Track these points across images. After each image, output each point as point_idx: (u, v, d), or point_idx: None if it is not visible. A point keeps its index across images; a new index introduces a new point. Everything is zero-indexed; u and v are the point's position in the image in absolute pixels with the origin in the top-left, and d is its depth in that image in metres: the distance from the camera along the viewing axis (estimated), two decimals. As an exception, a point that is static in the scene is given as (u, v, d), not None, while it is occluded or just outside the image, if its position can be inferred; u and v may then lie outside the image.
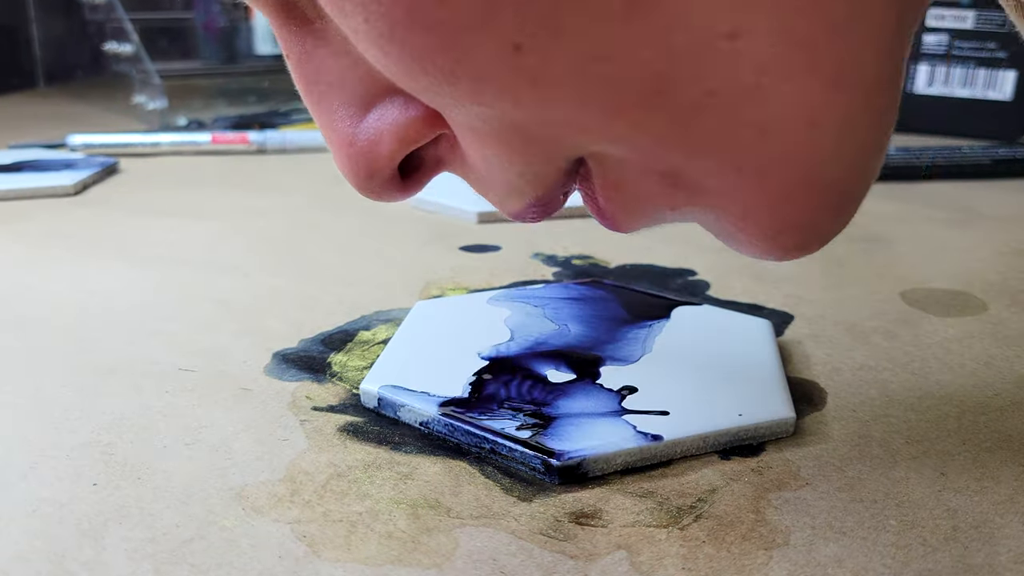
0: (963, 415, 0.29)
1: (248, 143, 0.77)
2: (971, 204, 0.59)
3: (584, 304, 0.36)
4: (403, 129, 0.20)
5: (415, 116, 0.20)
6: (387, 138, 0.21)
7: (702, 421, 0.27)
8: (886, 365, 0.33)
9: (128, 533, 0.23)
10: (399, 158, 0.21)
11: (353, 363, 0.33)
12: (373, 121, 0.21)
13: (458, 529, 0.23)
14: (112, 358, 0.33)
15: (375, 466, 0.26)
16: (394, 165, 0.21)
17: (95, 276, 0.43)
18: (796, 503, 0.24)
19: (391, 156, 0.21)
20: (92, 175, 0.64)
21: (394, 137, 0.21)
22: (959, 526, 0.23)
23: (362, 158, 0.21)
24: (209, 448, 0.27)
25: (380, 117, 0.21)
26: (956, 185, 0.65)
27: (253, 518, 0.23)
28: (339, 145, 0.21)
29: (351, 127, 0.21)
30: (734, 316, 0.35)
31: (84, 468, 0.26)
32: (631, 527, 0.23)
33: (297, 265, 0.45)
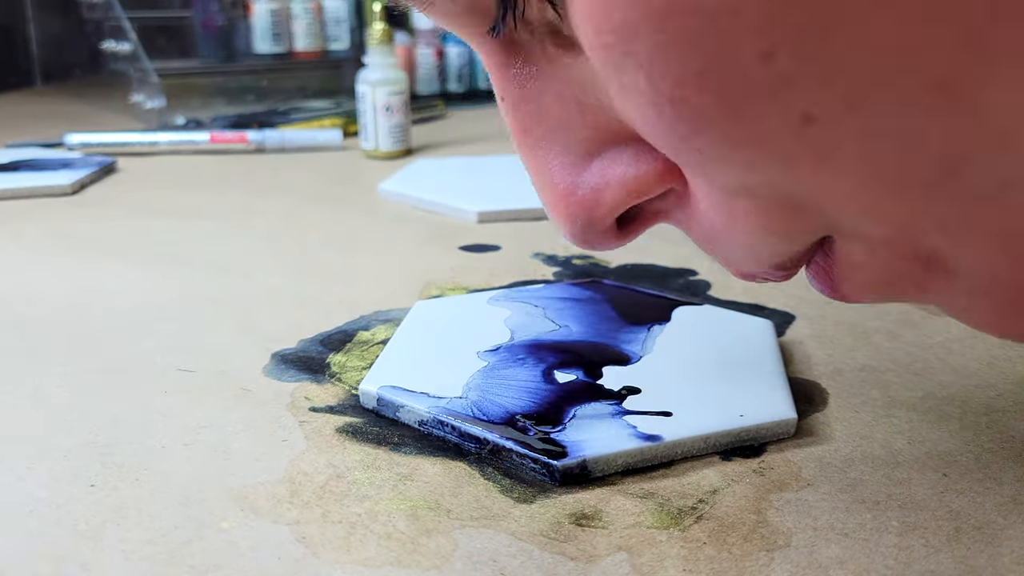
0: (966, 416, 0.29)
1: (247, 142, 0.77)
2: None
3: (585, 304, 0.36)
4: (632, 182, 0.20)
5: (647, 169, 0.20)
6: (613, 189, 0.20)
7: (703, 422, 0.27)
8: (888, 366, 0.33)
9: (126, 534, 0.23)
10: (621, 210, 0.21)
11: (352, 363, 0.33)
12: (598, 171, 0.20)
13: (458, 530, 0.23)
14: (110, 358, 0.33)
15: (374, 467, 0.26)
16: (614, 217, 0.21)
17: (93, 276, 0.43)
18: (798, 504, 0.24)
19: (614, 208, 0.20)
20: (90, 174, 0.64)
21: (621, 189, 0.20)
22: (962, 527, 0.23)
23: (582, 208, 0.20)
24: (208, 449, 0.27)
25: (606, 167, 0.20)
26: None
27: (252, 519, 0.23)
28: (557, 194, 0.21)
29: (572, 176, 0.20)
30: (735, 316, 0.35)
31: (82, 469, 0.26)
32: (632, 528, 0.23)
33: (296, 265, 0.45)
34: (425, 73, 1.07)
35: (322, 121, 0.86)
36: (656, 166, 0.19)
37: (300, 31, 1.00)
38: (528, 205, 0.54)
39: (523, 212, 0.54)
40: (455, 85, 1.10)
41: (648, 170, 0.20)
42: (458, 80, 1.10)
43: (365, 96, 0.72)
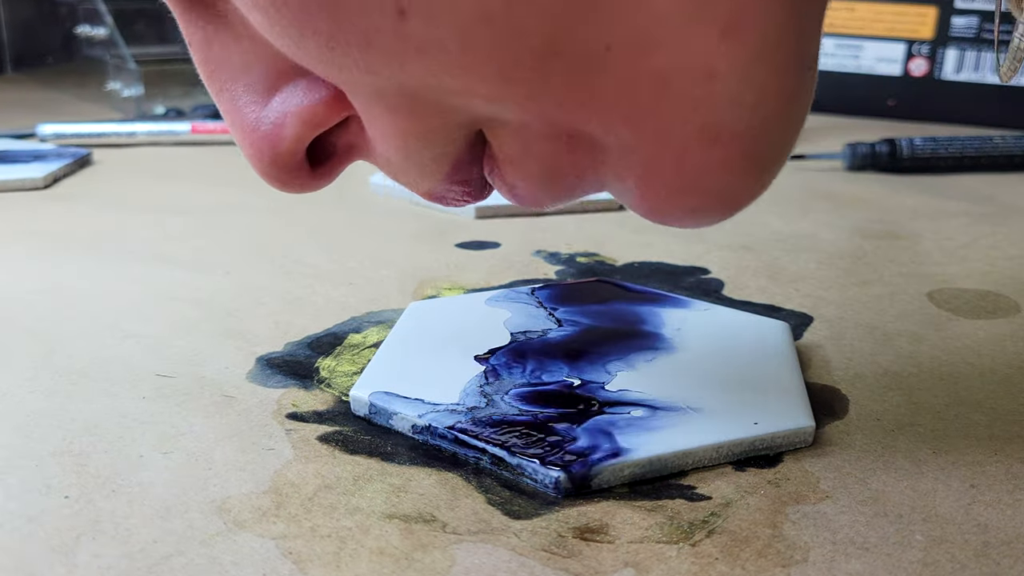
0: (994, 423, 0.29)
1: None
2: (1003, 198, 0.59)
3: (589, 305, 0.36)
4: (307, 111, 0.21)
5: (319, 98, 0.21)
6: (291, 121, 0.21)
7: (715, 430, 0.27)
8: (912, 370, 0.33)
9: (102, 549, 0.23)
10: (305, 142, 0.22)
11: (342, 368, 0.33)
12: (277, 105, 0.21)
13: (455, 545, 0.23)
14: (84, 362, 0.33)
15: (366, 478, 0.26)
16: (300, 149, 0.22)
17: (66, 275, 0.43)
18: (816, 517, 0.24)
19: (296, 139, 0.22)
20: (63, 167, 0.64)
21: (298, 119, 0.21)
22: (990, 542, 0.23)
23: (266, 143, 0.22)
24: (188, 458, 0.27)
25: (284, 101, 0.21)
26: (987, 178, 0.65)
27: (236, 533, 0.23)
28: (244, 131, 0.22)
29: (255, 112, 0.22)
30: (749, 318, 0.35)
31: (54, 479, 0.26)
32: (639, 543, 0.23)
33: (282, 263, 0.45)
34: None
35: (310, 111, 0.86)
36: (327, 93, 0.21)
37: (287, 15, 1.00)
38: (529, 200, 0.54)
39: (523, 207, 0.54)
40: (451, 72, 1.10)
41: (320, 98, 0.21)
42: (455, 67, 1.10)
43: (356, 84, 0.72)
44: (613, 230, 0.51)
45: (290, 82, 0.21)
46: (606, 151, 0.20)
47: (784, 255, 0.46)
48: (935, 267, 0.44)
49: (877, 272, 0.44)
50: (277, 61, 0.21)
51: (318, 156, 0.23)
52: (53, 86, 1.10)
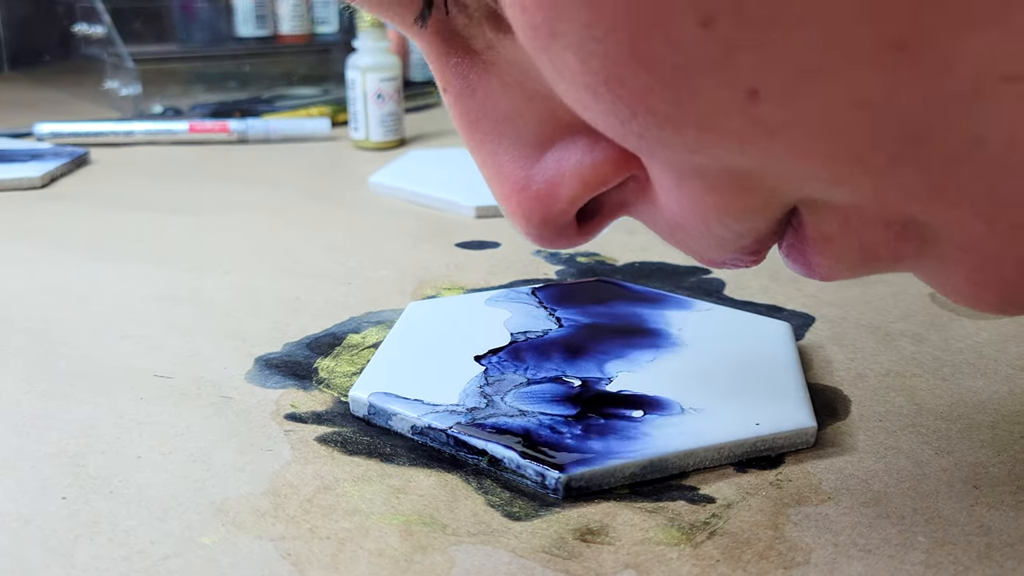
0: (998, 424, 0.29)
1: (228, 132, 0.77)
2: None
3: (590, 305, 0.36)
4: (589, 172, 0.20)
5: (603, 158, 0.19)
6: (569, 181, 0.20)
7: (716, 431, 0.27)
8: (914, 371, 0.33)
9: (99, 551, 0.23)
10: (580, 204, 0.20)
11: (341, 369, 0.33)
12: (552, 162, 0.20)
13: (454, 547, 0.23)
14: (82, 362, 0.33)
15: (365, 479, 0.26)
16: (574, 211, 0.21)
17: (63, 275, 0.43)
18: (817, 519, 0.24)
19: (572, 201, 0.20)
20: (60, 166, 0.64)
21: (577, 180, 0.20)
22: (993, 544, 0.23)
23: (538, 202, 0.20)
24: (187, 459, 0.27)
25: (561, 158, 0.20)
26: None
27: (234, 534, 0.23)
28: (510, 189, 0.21)
29: (524, 169, 0.20)
30: (751, 318, 0.35)
31: (52, 480, 0.26)
32: (640, 545, 0.23)
33: (281, 263, 0.45)
34: (419, 58, 1.07)
35: (309, 109, 0.86)
36: (612, 153, 0.19)
37: (285, 13, 1.00)
38: (529, 199, 0.54)
39: (524, 207, 0.54)
40: (451, 71, 1.10)
41: (604, 158, 0.19)
42: (454, 66, 1.10)
43: (355, 83, 0.72)
44: (613, 230, 0.51)
45: (567, 136, 0.20)
46: (939, 241, 0.18)
47: (786, 255, 0.46)
48: (938, 267, 0.44)
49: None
50: (555, 114, 0.19)
51: (583, 209, 0.21)
52: (50, 85, 1.10)
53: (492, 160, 0.21)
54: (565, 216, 0.21)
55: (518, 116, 0.20)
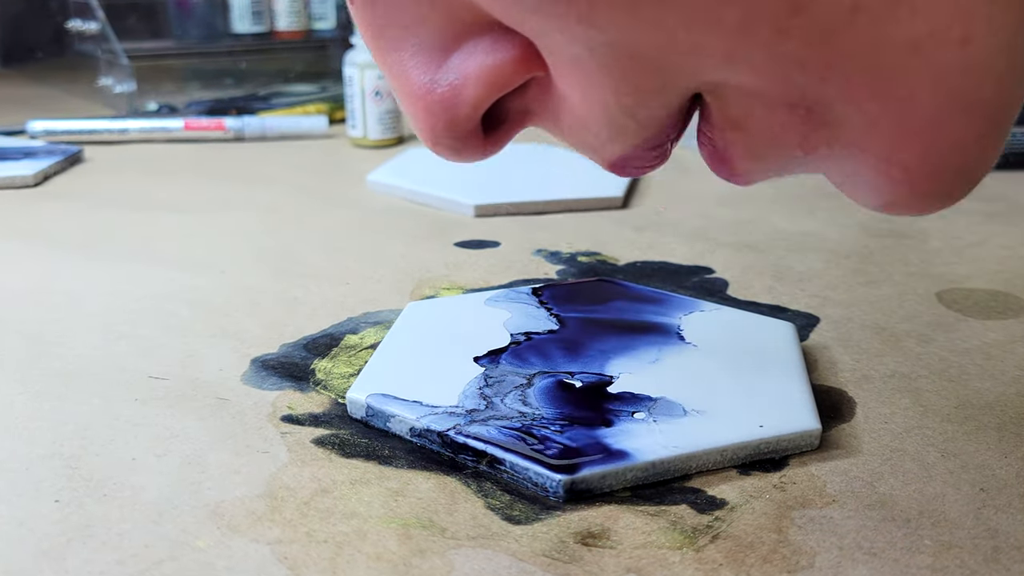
0: (1004, 426, 0.29)
1: (224, 130, 0.77)
2: (1014, 196, 0.59)
3: (591, 305, 0.36)
4: (492, 71, 0.20)
5: (506, 57, 0.20)
6: (473, 82, 0.20)
7: (720, 433, 0.27)
8: (920, 372, 0.33)
9: (93, 554, 0.23)
10: (485, 106, 0.20)
11: (339, 370, 0.33)
12: (456, 64, 0.20)
13: (453, 551, 0.23)
14: (76, 363, 0.33)
15: (363, 482, 0.26)
16: (478, 115, 0.21)
17: (57, 274, 0.43)
18: (822, 522, 0.24)
19: (476, 104, 0.20)
20: (54, 164, 0.64)
21: (481, 81, 0.20)
22: (1001, 547, 0.23)
23: (442, 106, 0.20)
24: (182, 461, 0.27)
25: (464, 60, 0.20)
26: (997, 175, 0.65)
27: (230, 538, 0.23)
28: (415, 94, 0.21)
29: (429, 73, 0.20)
30: (754, 318, 0.35)
31: (45, 483, 0.26)
32: (642, 548, 0.23)
33: (278, 263, 0.45)
34: (418, 55, 1.07)
35: (306, 107, 0.86)
36: (515, 52, 0.20)
37: (282, 9, 1.00)
38: (529, 198, 0.54)
39: (524, 205, 0.54)
40: (450, 68, 1.10)
41: (506, 57, 0.20)
42: (453, 62, 1.10)
43: (353, 79, 0.72)
44: (615, 229, 0.51)
45: (470, 39, 0.20)
46: (844, 125, 0.19)
47: (789, 254, 0.46)
48: (944, 266, 0.44)
49: (885, 272, 0.44)
50: (458, 14, 0.20)
51: (488, 121, 0.21)
52: (43, 82, 1.10)
53: (398, 68, 0.21)
54: (470, 121, 0.21)
55: (421, 21, 0.20)
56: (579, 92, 0.19)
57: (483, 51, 0.20)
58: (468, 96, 0.20)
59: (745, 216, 0.53)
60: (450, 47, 0.20)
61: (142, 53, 0.94)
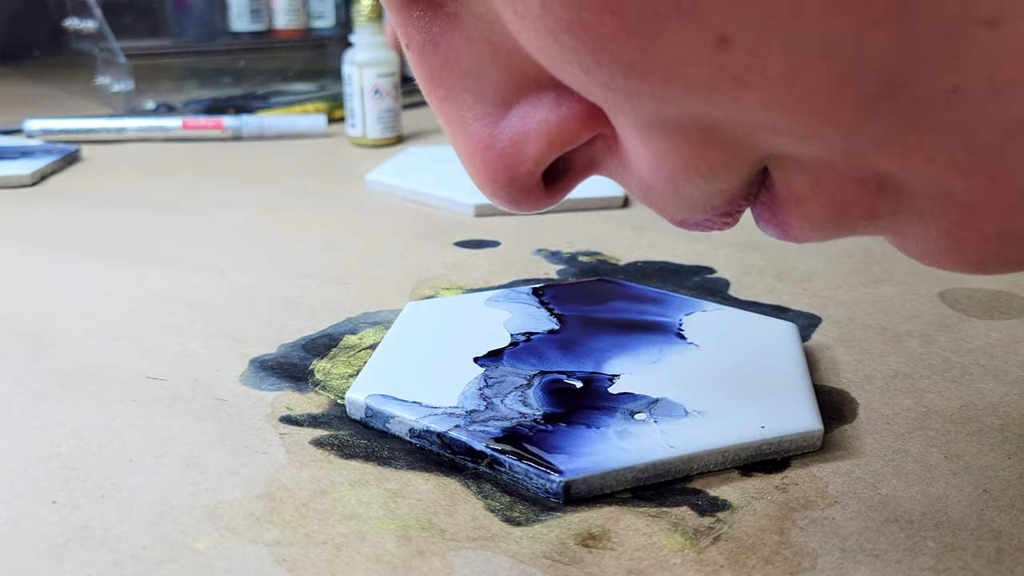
0: (1008, 427, 0.29)
1: (222, 129, 0.77)
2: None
3: (592, 306, 0.36)
4: (554, 129, 0.19)
5: (569, 114, 0.19)
6: (535, 139, 0.19)
7: (721, 434, 0.27)
8: (923, 372, 0.33)
9: (91, 556, 0.23)
10: (546, 163, 0.20)
11: (338, 370, 0.33)
12: (517, 120, 0.20)
13: (453, 552, 0.23)
14: (73, 364, 0.33)
15: (362, 483, 0.26)
16: (539, 171, 0.20)
17: (55, 274, 0.43)
18: (824, 523, 0.24)
19: (538, 161, 0.20)
20: (51, 164, 0.64)
21: (543, 138, 0.19)
22: (1004, 548, 0.23)
23: (503, 162, 0.20)
24: (180, 462, 0.27)
25: (526, 115, 0.19)
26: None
27: (228, 539, 0.23)
28: (474, 148, 0.20)
29: (489, 127, 0.20)
30: (756, 319, 0.35)
31: (42, 483, 0.26)
32: (643, 550, 0.23)
33: (276, 263, 0.45)
34: (417, 53, 1.07)
35: (305, 106, 0.86)
36: (579, 109, 0.19)
37: (281, 7, 1.00)
38: (530, 197, 0.54)
39: (524, 205, 0.54)
40: (450, 67, 1.10)
41: (570, 115, 0.19)
42: (453, 61, 1.10)
43: (352, 78, 0.72)
44: (615, 228, 0.51)
45: (533, 92, 0.19)
46: (916, 197, 0.18)
47: (791, 253, 0.46)
48: (947, 266, 0.44)
49: (887, 271, 0.44)
50: (520, 68, 0.19)
51: (551, 171, 0.21)
52: (40, 80, 1.10)
53: (456, 117, 0.20)
54: (531, 177, 0.20)
55: (483, 72, 0.19)
56: (646, 161, 0.19)
57: (546, 106, 0.19)
58: (530, 153, 0.20)
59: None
60: (512, 100, 0.20)
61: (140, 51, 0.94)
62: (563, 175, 0.21)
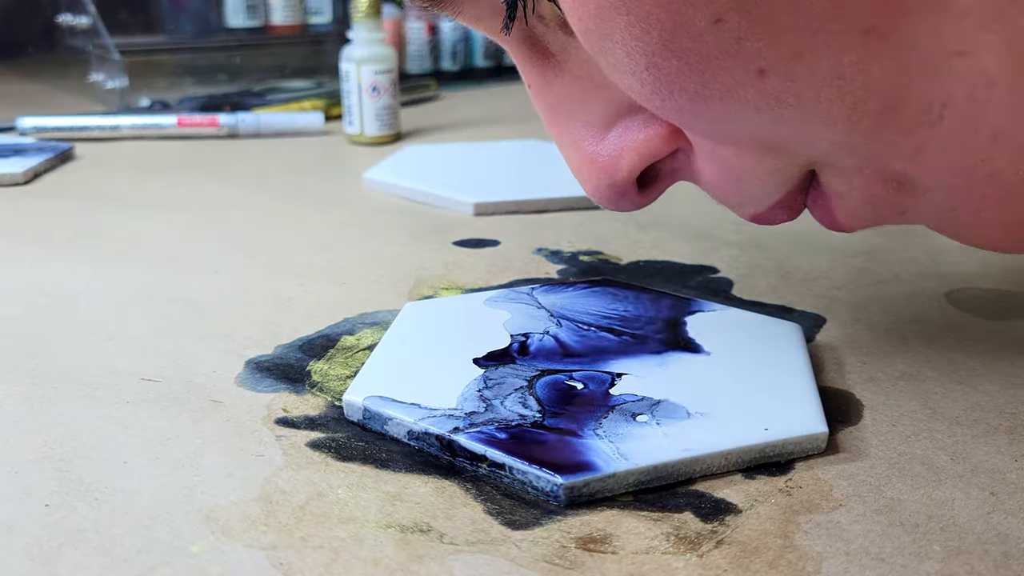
0: (1015, 429, 0.29)
1: (218, 126, 0.77)
2: None
3: (593, 306, 0.36)
4: (644, 145, 0.26)
5: (655, 134, 0.25)
6: (628, 154, 0.26)
7: (724, 436, 0.27)
8: (929, 374, 0.33)
9: (84, 560, 0.23)
10: (638, 171, 0.26)
11: (335, 372, 0.33)
12: (615, 139, 0.26)
13: (452, 556, 0.23)
14: (66, 364, 0.33)
15: (359, 486, 0.26)
16: (633, 178, 0.27)
17: (47, 273, 0.43)
18: (829, 527, 0.24)
19: (631, 170, 0.26)
20: (44, 162, 0.64)
21: (635, 153, 0.26)
22: (1011, 553, 0.23)
23: (604, 172, 0.26)
24: (175, 464, 0.27)
25: (622, 135, 0.26)
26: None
27: (224, 543, 0.23)
28: (582, 162, 0.27)
29: (593, 145, 0.26)
30: (760, 319, 0.35)
31: (34, 486, 0.26)
32: (644, 554, 0.23)
33: (273, 262, 0.45)
34: (416, 50, 1.07)
35: (301, 103, 0.86)
36: (662, 130, 0.25)
37: (277, 3, 1.00)
38: (530, 196, 0.54)
39: (524, 203, 0.54)
40: (449, 63, 1.10)
41: (655, 134, 0.25)
42: (452, 58, 1.10)
43: (349, 75, 0.72)
44: (617, 227, 0.51)
45: (626, 117, 0.26)
46: (934, 194, 0.23)
47: (795, 253, 0.46)
48: (953, 266, 0.44)
49: (893, 271, 0.44)
50: (616, 98, 0.25)
51: (643, 178, 0.27)
52: (33, 77, 1.10)
53: (568, 139, 0.27)
54: (626, 183, 0.27)
55: (587, 102, 0.26)
56: (716, 168, 0.25)
57: (637, 127, 0.26)
58: (624, 164, 0.26)
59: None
60: (610, 123, 0.26)
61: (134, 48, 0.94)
62: (653, 181, 0.27)
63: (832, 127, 0.21)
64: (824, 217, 0.26)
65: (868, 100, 0.20)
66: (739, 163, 0.24)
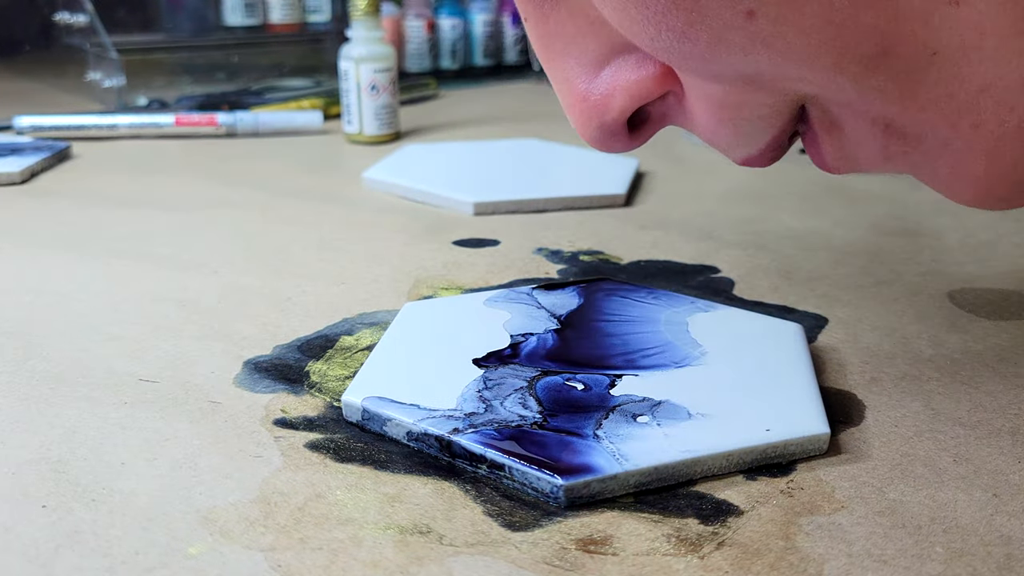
0: (1018, 430, 0.29)
1: (216, 125, 0.77)
2: (1027, 194, 0.59)
3: (593, 306, 0.36)
4: (635, 86, 0.25)
5: (648, 74, 0.25)
6: (620, 94, 0.25)
7: (725, 437, 0.27)
8: (931, 374, 0.33)
9: (82, 561, 0.23)
10: (629, 112, 0.26)
11: (334, 372, 0.33)
12: (607, 78, 0.26)
13: (451, 558, 0.23)
14: (63, 365, 0.33)
15: (358, 487, 0.26)
16: (624, 119, 0.26)
17: (44, 274, 0.43)
18: (831, 529, 0.24)
19: (622, 110, 0.26)
20: (41, 161, 0.64)
21: (626, 93, 0.25)
22: (1014, 554, 0.23)
23: (595, 111, 0.26)
24: (173, 466, 0.27)
25: (614, 74, 0.25)
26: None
27: (222, 544, 0.23)
28: (573, 99, 0.26)
29: (585, 83, 0.26)
30: (761, 319, 0.35)
31: (32, 488, 0.26)
32: (645, 556, 0.23)
33: (271, 262, 0.45)
34: (415, 48, 1.07)
35: (300, 102, 0.86)
36: (655, 71, 0.25)
37: (276, 1, 1.00)
38: (530, 195, 0.54)
39: (524, 203, 0.54)
40: (448, 62, 1.10)
41: (648, 75, 0.25)
42: (451, 56, 1.10)
43: (348, 74, 0.72)
44: (617, 227, 0.51)
45: (620, 56, 0.25)
46: (920, 141, 0.23)
47: (797, 253, 0.46)
48: (956, 266, 0.44)
49: (895, 272, 0.44)
50: (610, 37, 0.25)
51: (633, 121, 0.27)
52: (30, 76, 1.10)
53: (561, 75, 0.26)
54: (617, 123, 0.26)
55: (581, 39, 0.25)
56: (706, 107, 0.25)
57: (630, 67, 0.25)
58: (616, 104, 0.26)
59: (752, 214, 0.53)
60: (604, 62, 0.25)
61: (132, 46, 0.94)
62: (643, 124, 0.27)
63: (820, 69, 0.21)
64: (814, 152, 0.26)
65: (857, 46, 0.20)
66: (729, 101, 0.24)
